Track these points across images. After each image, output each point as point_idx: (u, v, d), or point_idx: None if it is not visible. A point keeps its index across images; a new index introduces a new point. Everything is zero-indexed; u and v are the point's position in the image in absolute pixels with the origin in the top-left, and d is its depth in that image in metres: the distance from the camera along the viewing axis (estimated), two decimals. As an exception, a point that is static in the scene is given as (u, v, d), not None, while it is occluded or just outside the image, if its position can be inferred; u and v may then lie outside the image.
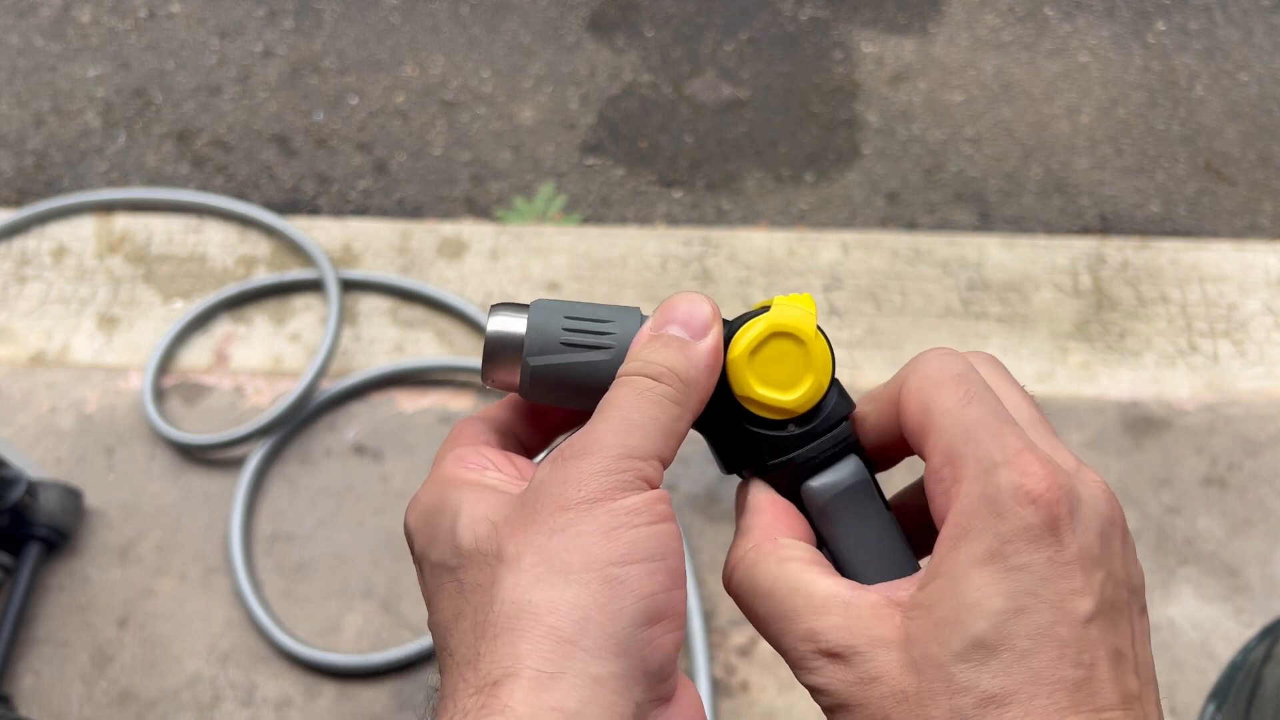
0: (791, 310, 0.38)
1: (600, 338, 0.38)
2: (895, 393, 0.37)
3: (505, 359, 0.38)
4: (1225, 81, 1.86)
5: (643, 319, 0.39)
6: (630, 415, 0.35)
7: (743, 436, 0.39)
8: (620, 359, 0.38)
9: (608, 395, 0.37)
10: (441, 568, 0.35)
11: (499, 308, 0.39)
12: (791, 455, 0.38)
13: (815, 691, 0.34)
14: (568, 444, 0.36)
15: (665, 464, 0.36)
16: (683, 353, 0.37)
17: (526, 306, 0.39)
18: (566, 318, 0.38)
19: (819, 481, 0.39)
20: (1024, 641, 0.31)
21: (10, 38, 1.97)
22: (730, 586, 0.37)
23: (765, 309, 0.38)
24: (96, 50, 1.96)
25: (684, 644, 1.18)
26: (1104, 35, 1.92)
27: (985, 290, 1.46)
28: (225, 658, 1.20)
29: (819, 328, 0.39)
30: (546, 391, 0.39)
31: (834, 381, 0.39)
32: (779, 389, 0.38)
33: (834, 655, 0.33)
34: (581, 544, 0.33)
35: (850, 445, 0.39)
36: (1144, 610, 0.34)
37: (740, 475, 0.41)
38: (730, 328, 0.39)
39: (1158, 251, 1.49)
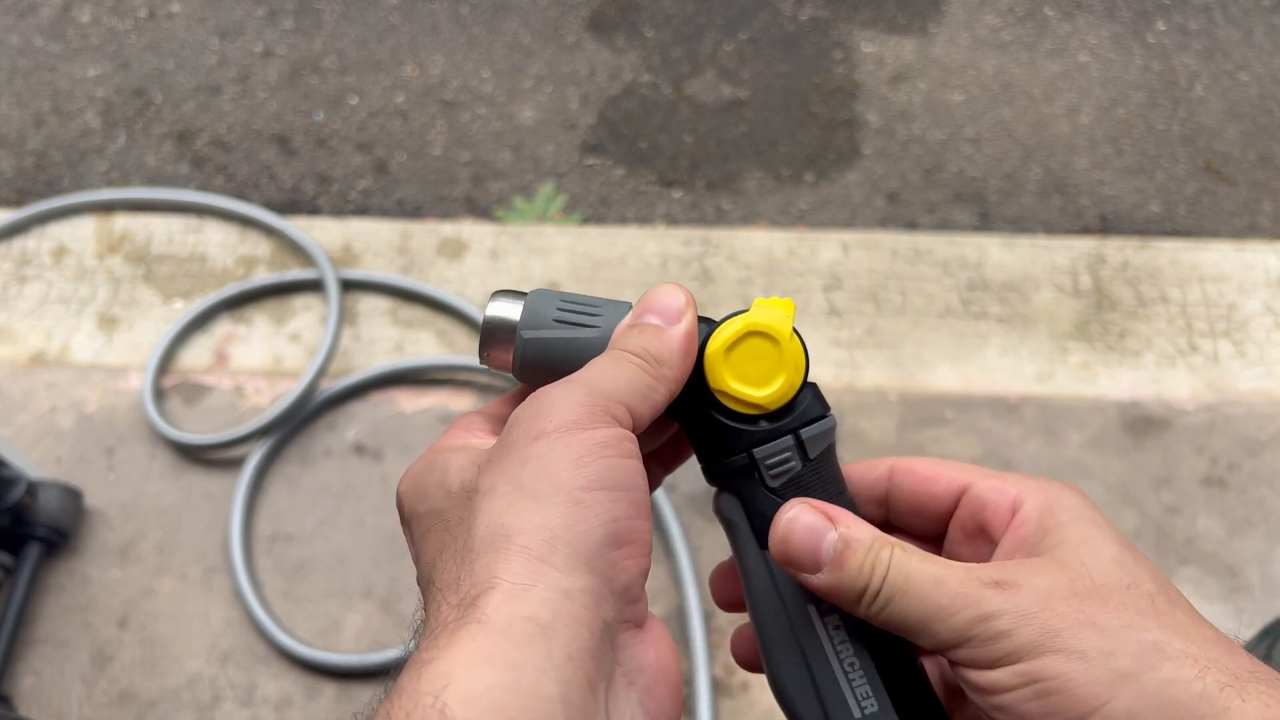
0: (769, 312, 0.40)
1: (590, 318, 0.41)
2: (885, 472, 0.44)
3: (501, 338, 0.41)
4: (1225, 81, 1.86)
5: (630, 309, 0.41)
6: (606, 370, 0.38)
7: (718, 430, 0.41)
8: (606, 339, 0.40)
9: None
10: (431, 514, 0.38)
11: (500, 293, 0.41)
12: (763, 448, 0.40)
13: (988, 619, 0.36)
14: (543, 388, 0.38)
15: (637, 422, 0.38)
16: (657, 337, 0.39)
17: (525, 294, 0.42)
18: (561, 301, 0.41)
19: None
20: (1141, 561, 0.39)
21: (10, 38, 1.98)
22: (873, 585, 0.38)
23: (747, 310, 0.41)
24: (96, 50, 1.96)
25: (684, 644, 1.18)
26: (1104, 35, 1.92)
27: (985, 290, 1.46)
28: (225, 658, 1.20)
29: (795, 331, 0.41)
30: (536, 366, 0.41)
31: (809, 384, 0.41)
32: (752, 385, 0.40)
33: (1000, 584, 0.36)
34: (551, 470, 0.35)
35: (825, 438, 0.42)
36: None
37: (719, 486, 0.42)
38: (712, 326, 0.41)
39: (1158, 251, 1.49)
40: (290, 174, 1.79)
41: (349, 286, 1.46)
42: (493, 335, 0.41)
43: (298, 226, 1.51)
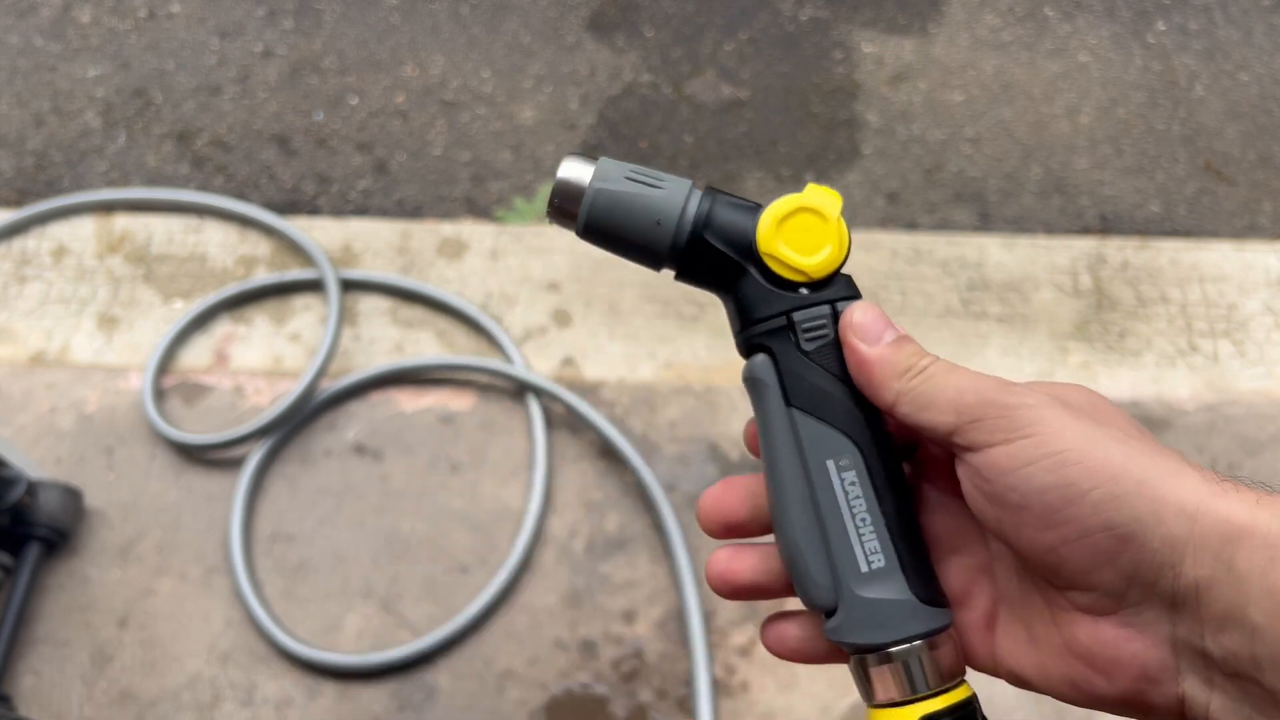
0: (821, 195, 0.45)
1: (658, 181, 0.45)
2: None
3: (573, 192, 0.45)
4: (1225, 81, 1.86)
5: (691, 189, 0.45)
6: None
7: (761, 295, 0.44)
8: (671, 201, 0.44)
9: None
10: None
11: (572, 154, 0.45)
12: (802, 312, 0.44)
13: (1015, 393, 0.40)
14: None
15: None
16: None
17: (595, 158, 0.46)
18: (630, 167, 0.45)
19: None
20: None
21: (10, 38, 1.98)
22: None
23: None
24: (96, 50, 1.96)
25: (684, 644, 1.18)
26: (1104, 35, 1.92)
27: (985, 290, 1.46)
28: (225, 658, 1.20)
29: (842, 215, 0.45)
30: (602, 219, 0.45)
31: (846, 275, 0.45)
32: (800, 252, 0.44)
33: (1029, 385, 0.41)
34: None
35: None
36: None
37: (753, 351, 0.45)
38: (762, 206, 0.45)
39: (1158, 251, 1.49)
40: (290, 174, 1.79)
41: (349, 286, 1.46)
42: (566, 189, 0.45)
43: (298, 226, 1.51)
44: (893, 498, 0.43)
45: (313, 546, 1.27)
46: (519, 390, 1.35)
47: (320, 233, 1.52)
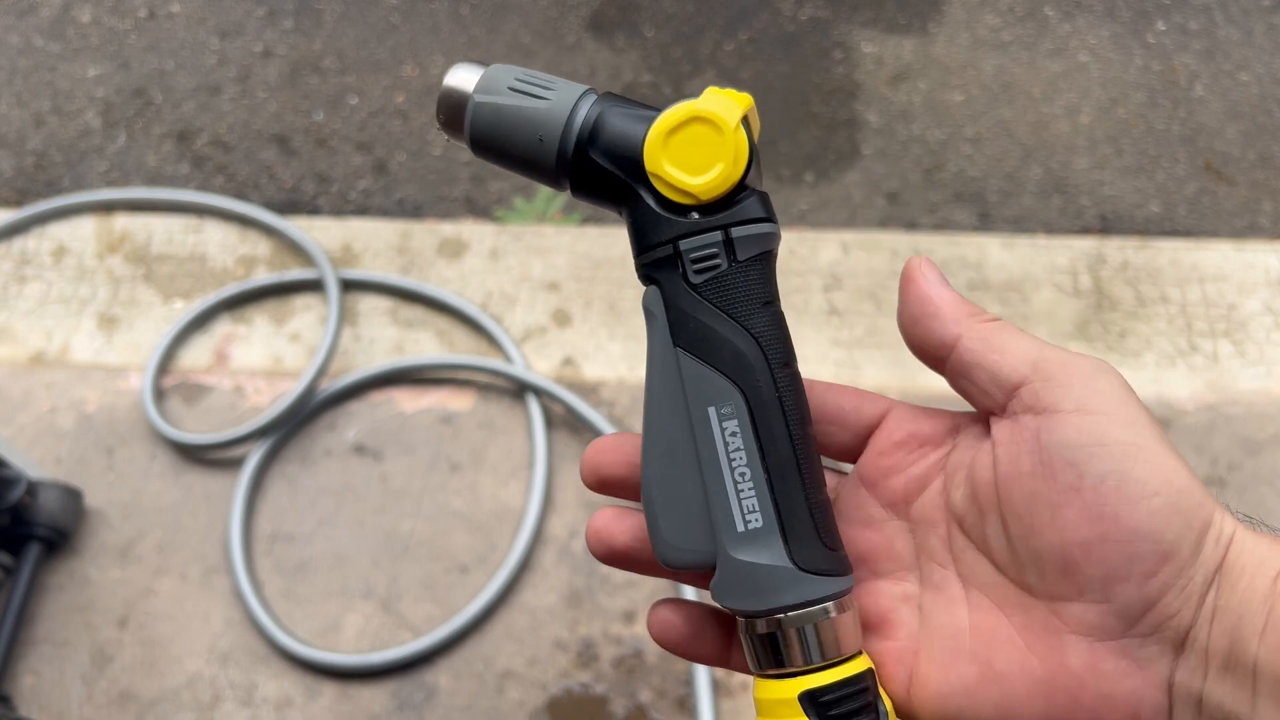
0: (718, 100, 0.39)
1: (544, 91, 0.40)
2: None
3: (456, 102, 0.40)
4: (1225, 81, 1.86)
5: (585, 91, 0.40)
6: None
7: (650, 219, 0.39)
8: (555, 114, 0.39)
9: None
10: None
11: (462, 63, 0.41)
12: (689, 239, 0.39)
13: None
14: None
15: None
16: None
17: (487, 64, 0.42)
18: (520, 73, 0.41)
19: None
20: None
21: (10, 38, 1.98)
22: None
23: None
24: (96, 50, 1.96)
25: (684, 644, 1.18)
26: (1104, 35, 1.92)
27: (985, 290, 1.46)
28: (225, 658, 1.20)
29: (746, 126, 0.39)
30: (486, 136, 0.40)
31: (758, 191, 0.39)
32: (687, 172, 0.38)
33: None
34: None
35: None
36: None
37: (647, 281, 0.41)
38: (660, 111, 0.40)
39: (1158, 251, 1.49)
40: (290, 174, 1.79)
41: (349, 286, 1.46)
42: (449, 100, 0.41)
43: (298, 226, 1.51)
44: (781, 454, 0.38)
45: (313, 546, 1.27)
46: (519, 390, 1.35)
47: (320, 233, 1.52)
